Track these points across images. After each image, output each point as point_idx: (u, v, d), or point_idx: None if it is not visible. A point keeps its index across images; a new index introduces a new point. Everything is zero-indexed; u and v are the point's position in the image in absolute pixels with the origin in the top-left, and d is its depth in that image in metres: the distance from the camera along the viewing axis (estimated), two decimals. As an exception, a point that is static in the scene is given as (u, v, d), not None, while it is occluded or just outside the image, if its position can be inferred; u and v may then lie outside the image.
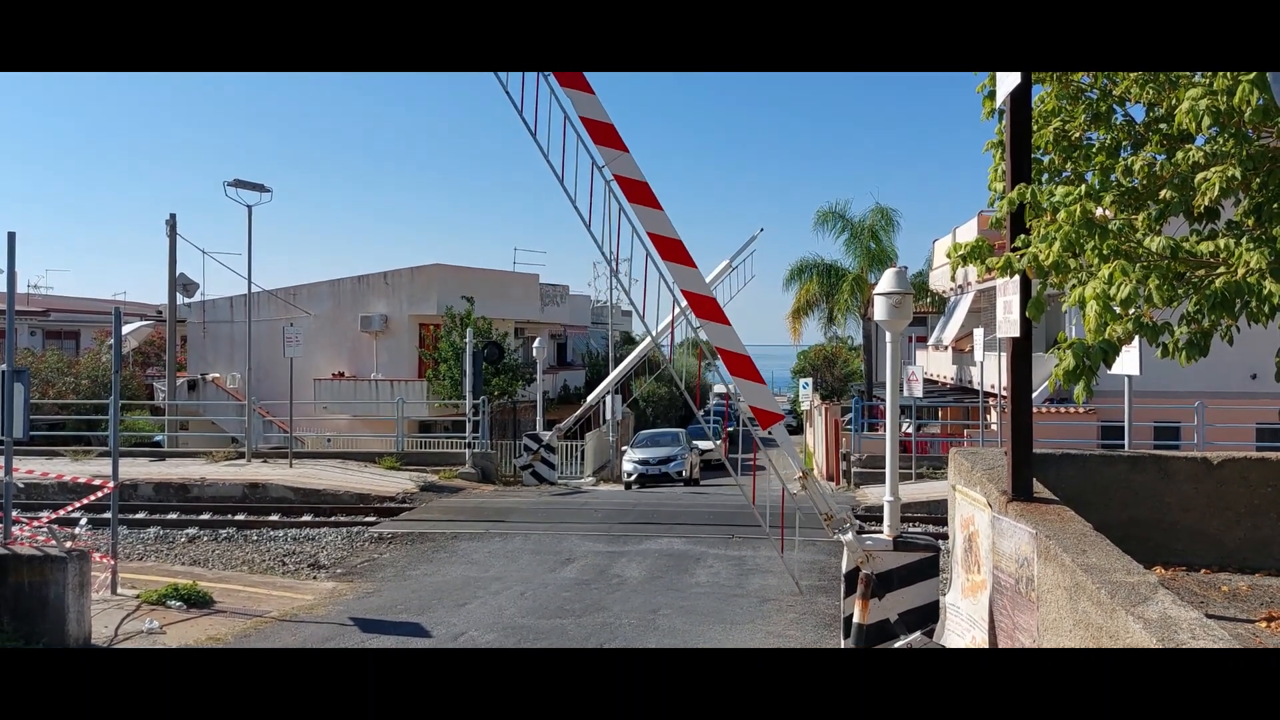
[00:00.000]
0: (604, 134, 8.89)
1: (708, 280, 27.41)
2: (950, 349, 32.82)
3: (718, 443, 39.64)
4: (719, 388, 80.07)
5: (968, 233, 30.37)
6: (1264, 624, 5.80)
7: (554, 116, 9.47)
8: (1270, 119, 4.85)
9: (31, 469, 16.55)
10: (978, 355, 21.93)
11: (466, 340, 24.02)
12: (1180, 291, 5.29)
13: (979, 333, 21.65)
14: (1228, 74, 4.79)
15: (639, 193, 8.90)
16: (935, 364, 35.18)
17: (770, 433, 9.30)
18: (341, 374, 34.86)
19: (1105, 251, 5.06)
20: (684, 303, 9.16)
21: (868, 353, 40.84)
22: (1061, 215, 5.26)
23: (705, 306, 9.07)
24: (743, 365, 9.11)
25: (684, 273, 9.04)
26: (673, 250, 8.93)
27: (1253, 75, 4.48)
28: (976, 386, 24.22)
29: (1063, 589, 5.09)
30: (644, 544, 14.27)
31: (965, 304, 32.07)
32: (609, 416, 32.90)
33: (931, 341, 37.07)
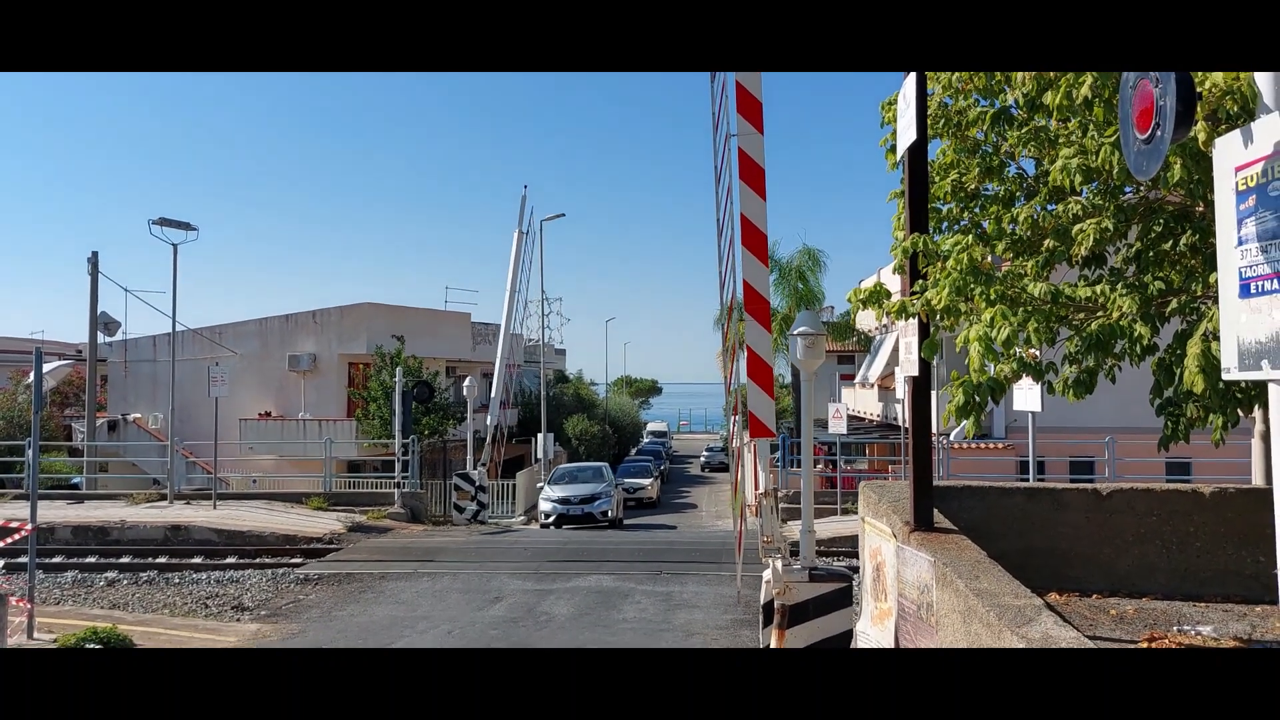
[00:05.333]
0: (749, 108, 9.05)
1: (510, 256, 27.85)
2: (875, 386, 33.60)
3: (652, 481, 39.85)
4: (654, 425, 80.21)
5: (889, 275, 31.26)
6: (1145, 644, 6.19)
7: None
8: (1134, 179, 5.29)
9: (-58, 513, 16.08)
10: (900, 392, 22.56)
11: (396, 379, 23.96)
12: (1061, 333, 5.70)
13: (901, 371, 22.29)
14: (1094, 136, 5.23)
15: (752, 174, 9.04)
16: (862, 401, 35.95)
17: (755, 444, 9.62)
18: (268, 414, 34.36)
19: (991, 296, 5.45)
20: (740, 292, 9.24)
21: (796, 390, 41.51)
22: (950, 262, 5.65)
23: (758, 306, 9.24)
24: (762, 373, 9.35)
25: (753, 266, 9.17)
26: (755, 240, 9.06)
27: (1114, 138, 4.92)
28: (900, 423, 24.85)
29: (958, 613, 5.41)
30: (572, 581, 14.38)
31: (889, 343, 32.92)
32: (541, 455, 32.87)
33: (858, 379, 37.89)
